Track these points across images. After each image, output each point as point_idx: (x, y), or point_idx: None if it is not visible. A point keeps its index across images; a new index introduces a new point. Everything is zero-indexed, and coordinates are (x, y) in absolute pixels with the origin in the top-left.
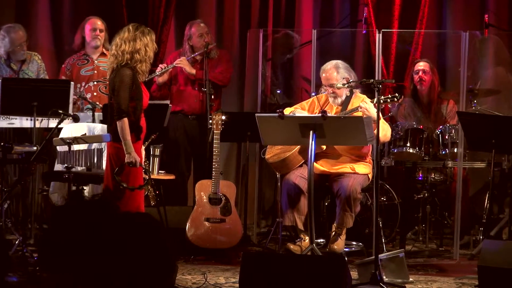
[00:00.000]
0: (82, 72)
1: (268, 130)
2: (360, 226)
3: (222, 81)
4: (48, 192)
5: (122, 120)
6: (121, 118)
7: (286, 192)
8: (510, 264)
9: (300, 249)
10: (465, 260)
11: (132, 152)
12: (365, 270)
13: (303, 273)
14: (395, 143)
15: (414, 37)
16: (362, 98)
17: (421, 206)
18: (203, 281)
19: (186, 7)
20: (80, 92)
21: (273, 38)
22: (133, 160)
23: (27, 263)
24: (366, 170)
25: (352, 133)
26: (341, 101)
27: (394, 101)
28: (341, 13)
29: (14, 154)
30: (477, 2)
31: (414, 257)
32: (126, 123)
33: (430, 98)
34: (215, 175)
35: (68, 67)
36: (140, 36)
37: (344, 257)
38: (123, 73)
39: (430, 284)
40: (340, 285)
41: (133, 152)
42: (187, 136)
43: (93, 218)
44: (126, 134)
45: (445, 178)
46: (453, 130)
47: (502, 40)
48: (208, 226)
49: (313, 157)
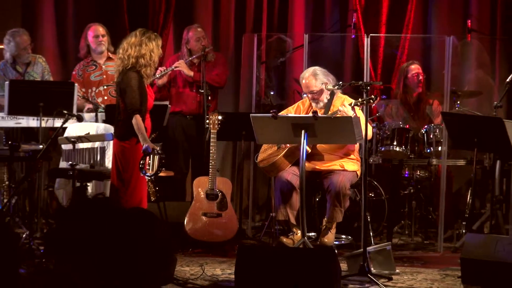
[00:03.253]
0: (92, 77)
1: (262, 129)
2: (349, 220)
3: (219, 83)
4: (54, 188)
5: (135, 117)
6: (134, 115)
7: (279, 189)
8: (491, 256)
9: (293, 242)
10: (449, 252)
11: (147, 142)
12: (354, 262)
13: (296, 265)
14: (383, 142)
15: (401, 42)
16: (344, 98)
17: (407, 201)
18: (200, 273)
19: (184, 12)
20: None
21: (267, 42)
22: (148, 148)
23: (34, 256)
24: (355, 167)
25: (342, 132)
26: (323, 104)
27: (370, 103)
28: (332, 19)
29: (21, 152)
30: (460, 8)
31: (401, 250)
32: (139, 118)
33: (419, 99)
34: (212, 172)
35: (80, 73)
36: (146, 42)
37: (334, 249)
38: (129, 76)
39: (416, 276)
40: (330, 276)
41: (149, 142)
42: (186, 135)
43: (96, 215)
44: (140, 128)
45: (430, 175)
46: (438, 129)
47: (484, 45)
48: (205, 220)
49: (304, 155)
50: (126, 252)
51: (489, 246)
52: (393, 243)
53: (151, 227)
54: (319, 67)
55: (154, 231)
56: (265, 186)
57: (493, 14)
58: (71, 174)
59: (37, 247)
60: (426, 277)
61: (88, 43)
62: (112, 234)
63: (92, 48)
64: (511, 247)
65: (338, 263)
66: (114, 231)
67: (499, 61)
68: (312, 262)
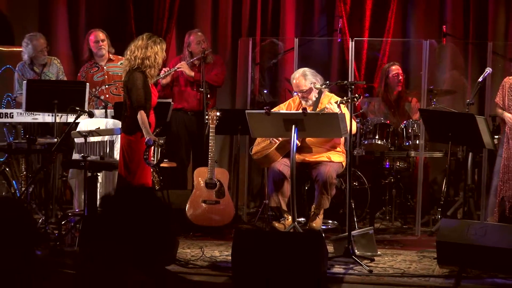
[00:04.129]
0: (95, 78)
1: (257, 124)
2: (335, 207)
3: (217, 82)
4: (67, 178)
5: (140, 113)
6: (139, 111)
7: (271, 178)
8: (464, 239)
9: (284, 227)
10: (426, 236)
11: (150, 135)
12: (340, 244)
13: (287, 248)
14: (366, 135)
15: (382, 45)
16: (331, 96)
17: (387, 190)
18: (200, 254)
19: (185, 18)
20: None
21: (260, 45)
22: (151, 140)
23: (49, 239)
24: (341, 158)
25: (329, 127)
26: (311, 102)
27: (354, 101)
28: (319, 24)
29: (37, 145)
30: (436, 14)
31: (382, 234)
32: (143, 114)
33: (399, 96)
34: (211, 163)
35: (83, 75)
36: (152, 45)
37: (321, 233)
38: (135, 76)
39: (395, 257)
40: (318, 258)
41: (151, 135)
42: (187, 129)
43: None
44: (144, 123)
45: (408, 166)
46: (416, 124)
47: (457, 48)
48: (204, 207)
49: (295, 147)
50: (146, 237)
51: (462, 230)
52: (375, 228)
53: (160, 214)
54: (308, 68)
55: (163, 217)
56: (259, 176)
57: (466, 20)
58: (82, 165)
59: (52, 231)
60: (405, 258)
61: (89, 47)
62: (145, 221)
63: (93, 52)
64: (482, 231)
65: (325, 245)
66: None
67: (472, 63)
68: (302, 245)
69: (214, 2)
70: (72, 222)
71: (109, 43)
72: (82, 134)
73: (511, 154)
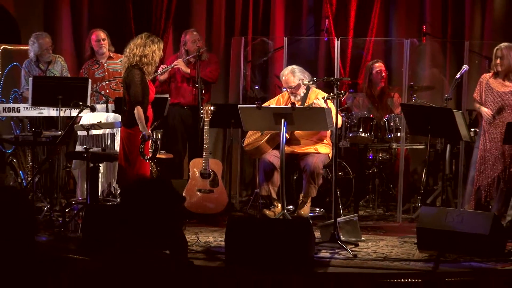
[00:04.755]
0: (96, 74)
1: (248, 118)
2: (322, 195)
3: (211, 78)
4: (71, 168)
5: (137, 108)
6: (136, 106)
7: (262, 168)
8: (442, 226)
9: (274, 214)
10: (407, 223)
11: (145, 130)
12: (326, 231)
13: (276, 234)
14: (350, 128)
15: (366, 44)
16: (318, 92)
17: (371, 179)
18: (196, 240)
19: (182, 18)
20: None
21: (252, 44)
22: (146, 135)
23: (54, 226)
24: (327, 150)
25: (316, 120)
26: (300, 97)
27: (340, 97)
28: (307, 24)
29: (43, 138)
30: (417, 15)
31: (366, 221)
32: (140, 110)
33: (382, 92)
34: (205, 154)
35: (85, 71)
36: (150, 44)
37: (309, 220)
38: (133, 73)
39: (378, 242)
40: (306, 243)
41: (146, 130)
42: (183, 123)
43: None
44: (140, 118)
45: (391, 157)
46: (397, 118)
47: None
48: (200, 195)
49: (284, 140)
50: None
51: (440, 217)
52: (359, 215)
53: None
54: (297, 66)
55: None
56: (250, 166)
57: (444, 20)
58: (85, 156)
59: (56, 218)
60: (387, 244)
61: (91, 46)
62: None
63: (95, 50)
64: (459, 218)
65: (313, 231)
66: (165, 206)
67: (450, 60)
68: (291, 231)
69: (208, 3)
70: (75, 210)
71: (109, 42)
72: (84, 127)
73: (487, 146)
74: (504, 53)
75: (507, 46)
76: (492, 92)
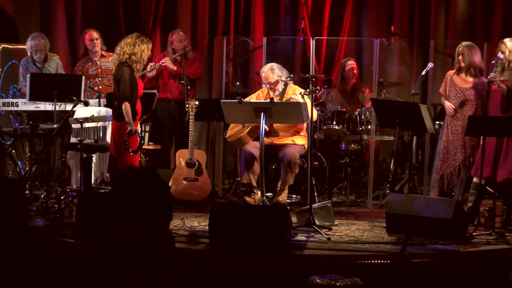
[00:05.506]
0: (89, 72)
1: (230, 112)
2: (298, 183)
3: (196, 75)
4: (66, 159)
5: (125, 104)
6: (124, 102)
7: (243, 158)
8: (409, 211)
9: (254, 201)
10: (376, 208)
11: (132, 125)
12: (302, 216)
13: (256, 219)
14: (325, 121)
15: (339, 43)
16: (295, 88)
17: (343, 168)
18: (182, 225)
19: (168, 20)
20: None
21: (233, 43)
22: (132, 130)
23: (50, 212)
24: (303, 141)
25: (293, 114)
26: (278, 92)
27: (316, 93)
28: (285, 25)
29: (39, 130)
30: (386, 16)
31: (338, 206)
32: (128, 105)
33: (354, 87)
34: (191, 145)
35: (79, 69)
36: (139, 43)
37: (286, 206)
38: (123, 70)
39: (350, 226)
40: (283, 227)
41: (132, 125)
42: (170, 116)
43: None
44: (127, 113)
45: (361, 147)
46: (368, 112)
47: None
48: (185, 183)
49: (263, 132)
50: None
51: (407, 203)
52: (332, 201)
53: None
54: (275, 63)
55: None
56: (232, 157)
57: (411, 21)
58: (79, 147)
59: (53, 205)
60: (358, 228)
61: (85, 45)
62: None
63: (88, 49)
64: (425, 204)
65: (290, 217)
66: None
67: (416, 58)
68: (269, 216)
69: (193, 6)
70: (70, 197)
71: (102, 41)
72: (78, 121)
73: (449, 137)
74: (465, 50)
75: (468, 45)
76: (455, 87)
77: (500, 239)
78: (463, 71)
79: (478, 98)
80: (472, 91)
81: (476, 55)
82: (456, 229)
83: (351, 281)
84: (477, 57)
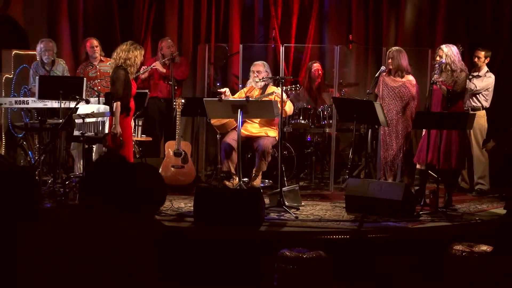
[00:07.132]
0: (90, 74)
1: (212, 109)
2: (270, 169)
3: (182, 77)
4: (70, 149)
5: (116, 103)
6: (116, 102)
7: (223, 148)
8: (365, 193)
9: (232, 185)
10: (337, 191)
11: (117, 125)
12: (274, 198)
13: (234, 200)
14: (293, 117)
15: (305, 49)
16: (274, 88)
17: (309, 157)
18: (170, 206)
19: (158, 29)
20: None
21: (214, 49)
22: (116, 132)
23: (56, 195)
24: (275, 134)
25: (265, 110)
26: (260, 86)
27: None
28: (259, 33)
29: (47, 125)
30: (344, 26)
31: (305, 190)
32: (119, 105)
33: (318, 87)
34: (178, 137)
35: (81, 72)
36: (133, 50)
37: (260, 190)
38: (118, 72)
39: (315, 207)
40: (258, 207)
41: (118, 126)
42: (160, 112)
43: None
44: (117, 113)
45: (324, 139)
46: (330, 108)
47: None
48: (173, 170)
49: (240, 126)
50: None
51: (364, 187)
52: (300, 185)
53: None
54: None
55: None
56: (213, 147)
57: (366, 30)
58: (81, 139)
59: (59, 189)
60: (322, 208)
61: (86, 51)
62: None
63: (89, 54)
64: (379, 187)
65: (263, 198)
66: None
67: (371, 62)
68: (246, 198)
69: (179, 17)
70: (74, 182)
71: (101, 48)
72: (81, 116)
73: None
74: (394, 54)
75: (397, 50)
76: (387, 86)
77: (443, 217)
78: (392, 73)
79: (407, 94)
80: (401, 88)
81: (403, 58)
82: (405, 209)
83: (315, 253)
84: (404, 60)
